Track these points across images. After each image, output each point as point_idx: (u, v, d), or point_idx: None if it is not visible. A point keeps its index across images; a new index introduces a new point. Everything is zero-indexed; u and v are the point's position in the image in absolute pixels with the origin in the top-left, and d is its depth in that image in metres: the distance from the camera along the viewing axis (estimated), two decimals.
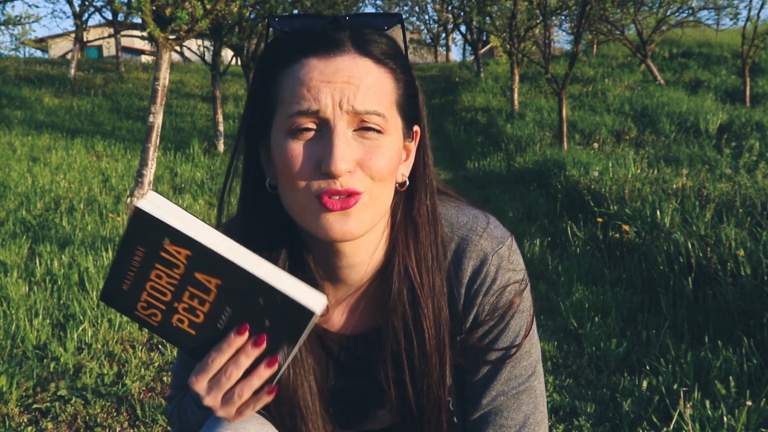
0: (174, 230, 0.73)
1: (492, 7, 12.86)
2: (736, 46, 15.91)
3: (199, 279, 0.75)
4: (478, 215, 0.91)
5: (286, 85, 0.78)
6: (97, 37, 26.03)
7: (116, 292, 0.78)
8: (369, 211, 0.79)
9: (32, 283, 3.75)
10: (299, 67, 0.77)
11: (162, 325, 0.78)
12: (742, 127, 9.46)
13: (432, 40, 33.74)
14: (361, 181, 0.77)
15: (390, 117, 0.79)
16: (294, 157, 0.76)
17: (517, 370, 0.91)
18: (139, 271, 0.75)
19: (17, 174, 7.00)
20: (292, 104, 0.76)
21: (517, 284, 0.89)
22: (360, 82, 0.76)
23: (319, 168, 0.75)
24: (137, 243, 0.74)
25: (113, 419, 2.44)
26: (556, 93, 8.79)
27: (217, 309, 0.76)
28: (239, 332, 0.75)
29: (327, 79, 0.75)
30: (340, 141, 0.74)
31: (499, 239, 0.89)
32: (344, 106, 0.75)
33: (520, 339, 0.90)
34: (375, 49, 0.79)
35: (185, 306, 0.76)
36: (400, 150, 0.82)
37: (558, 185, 6.05)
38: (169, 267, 0.75)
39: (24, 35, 18.10)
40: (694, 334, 2.98)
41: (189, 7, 5.82)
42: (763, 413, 2.22)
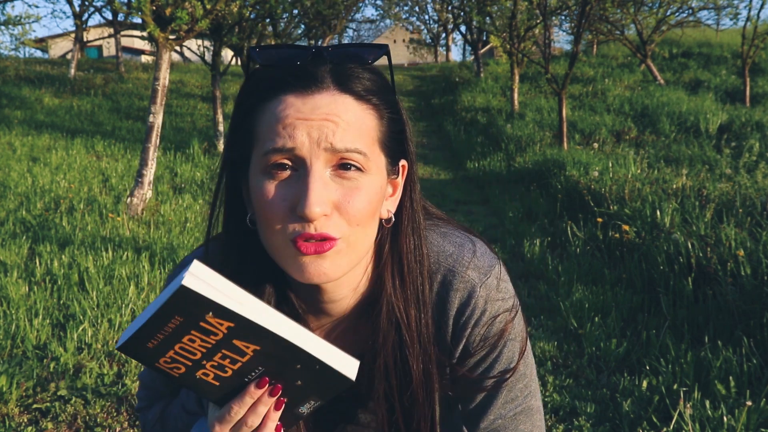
0: (219, 306, 0.71)
1: (492, 7, 12.87)
2: (736, 46, 15.91)
3: (236, 345, 0.73)
4: (464, 243, 0.89)
5: (263, 121, 0.75)
6: (97, 37, 26.03)
7: (139, 347, 0.74)
8: (345, 256, 0.77)
9: (32, 283, 3.75)
10: (277, 103, 0.74)
11: (183, 377, 0.76)
12: (742, 127, 9.45)
13: (432, 40, 33.74)
14: (337, 226, 0.74)
15: (372, 155, 0.76)
16: (269, 198, 0.74)
17: (513, 393, 0.91)
18: (171, 335, 0.72)
19: (17, 174, 7.00)
20: (267, 141, 0.73)
21: (507, 313, 0.87)
22: (339, 119, 0.73)
23: (294, 210, 0.73)
24: (176, 313, 0.71)
25: (113, 419, 2.44)
26: (556, 93, 8.79)
27: (249, 368, 0.74)
28: (259, 386, 0.74)
29: (304, 116, 0.72)
30: (316, 182, 0.71)
31: (486, 269, 0.87)
32: (322, 144, 0.72)
33: (513, 364, 0.89)
34: (357, 85, 0.76)
35: (214, 364, 0.74)
36: (382, 189, 0.79)
37: (558, 185, 6.06)
38: (207, 334, 0.72)
39: (24, 35, 18.09)
40: (694, 334, 2.98)
41: (189, 7, 5.82)
42: (763, 413, 2.22)
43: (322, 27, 14.99)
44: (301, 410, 0.77)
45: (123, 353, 0.77)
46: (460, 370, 0.88)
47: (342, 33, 20.52)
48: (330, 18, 14.61)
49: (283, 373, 0.74)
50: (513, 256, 4.69)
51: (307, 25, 14.32)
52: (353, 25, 28.11)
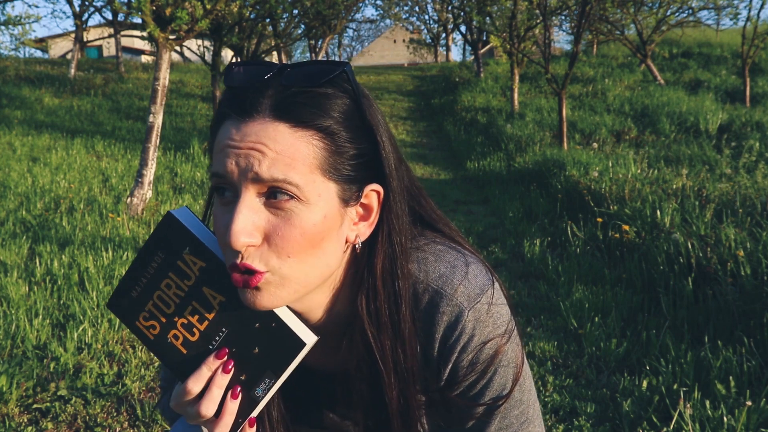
0: (197, 240, 0.80)
1: (492, 7, 12.87)
2: (736, 46, 15.91)
3: (205, 294, 0.80)
4: (457, 263, 0.84)
5: (213, 144, 0.77)
6: (97, 37, 26.05)
7: (124, 298, 0.82)
8: (282, 288, 0.75)
9: (32, 283, 3.75)
10: (221, 128, 0.76)
11: (157, 340, 0.82)
12: (742, 127, 9.46)
13: (432, 40, 33.73)
14: (265, 259, 0.73)
15: (308, 184, 0.72)
16: (216, 222, 0.76)
17: (508, 420, 0.88)
18: (152, 277, 0.81)
19: (17, 174, 7.00)
20: (212, 164, 0.76)
21: (498, 338, 0.83)
22: (266, 149, 0.71)
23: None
24: (159, 248, 0.81)
25: (113, 419, 2.44)
26: (556, 93, 8.79)
27: (214, 328, 0.80)
28: (218, 355, 0.78)
29: (235, 144, 0.72)
30: (242, 210, 0.71)
31: (477, 292, 0.83)
32: (249, 174, 0.71)
33: (506, 392, 0.86)
34: (297, 112, 0.72)
35: (184, 322, 0.80)
36: (327, 219, 0.75)
37: (558, 185, 6.06)
38: (181, 278, 0.80)
39: (24, 35, 18.10)
40: (694, 334, 2.98)
41: (189, 7, 5.82)
42: (763, 413, 2.22)
43: (322, 27, 14.98)
44: (257, 393, 0.79)
45: (111, 310, 0.84)
46: (448, 394, 0.86)
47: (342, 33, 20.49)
48: (330, 18, 14.61)
49: (243, 336, 0.79)
50: (513, 256, 4.69)
51: (307, 25, 14.31)
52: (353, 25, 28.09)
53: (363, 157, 0.77)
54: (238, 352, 0.79)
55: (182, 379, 0.81)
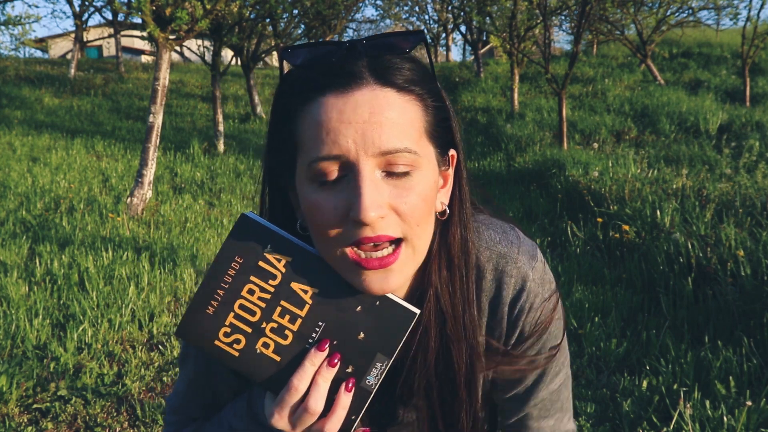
0: (278, 236, 0.74)
1: (492, 7, 12.87)
2: (736, 46, 15.92)
3: (294, 290, 0.73)
4: (506, 230, 0.88)
5: (305, 127, 0.71)
6: (97, 37, 26.05)
7: (198, 319, 0.74)
8: (411, 263, 0.74)
9: (32, 283, 3.75)
10: (317, 106, 0.70)
11: (244, 355, 0.74)
12: (742, 127, 9.46)
13: (432, 40, 33.73)
14: (398, 226, 0.71)
15: (420, 149, 0.72)
16: (320, 207, 0.70)
17: (557, 366, 0.93)
18: (231, 287, 0.73)
19: (17, 174, 7.00)
20: (312, 149, 0.70)
21: (555, 294, 0.88)
22: (383, 118, 0.69)
23: (347, 217, 0.69)
24: (236, 253, 0.73)
25: (113, 419, 2.44)
26: (556, 93, 8.79)
27: (309, 325, 0.74)
28: (320, 347, 0.73)
29: (347, 119, 0.68)
30: (367, 186, 0.68)
31: (531, 254, 0.87)
32: (369, 150, 0.68)
33: (559, 340, 0.91)
34: (397, 76, 0.72)
35: (273, 326, 0.74)
36: (435, 183, 0.76)
37: (558, 185, 6.05)
38: (265, 278, 0.73)
39: (24, 35, 18.10)
40: (694, 334, 2.98)
41: (189, 7, 5.82)
42: (763, 413, 2.22)
43: (322, 27, 14.98)
44: (369, 382, 0.75)
45: (182, 336, 0.76)
46: (515, 354, 0.88)
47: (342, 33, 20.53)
48: (330, 18, 14.61)
49: (343, 325, 0.73)
50: None
51: (307, 25, 14.32)
52: (353, 25, 28.10)
53: (446, 122, 0.78)
54: (341, 342, 0.73)
55: (278, 390, 0.75)
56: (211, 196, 6.73)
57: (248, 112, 13.59)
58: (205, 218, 5.68)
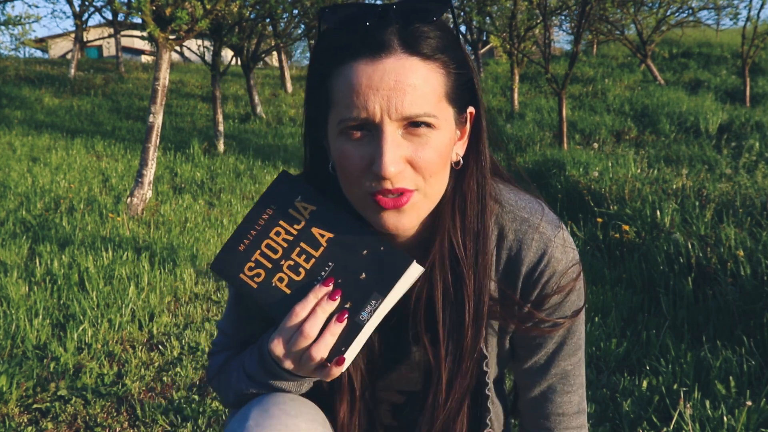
0: (309, 189, 0.87)
1: (492, 7, 12.87)
2: (736, 46, 15.91)
3: (313, 234, 0.84)
4: (533, 200, 0.96)
5: (338, 88, 0.80)
6: (97, 37, 26.03)
7: (230, 255, 0.85)
8: (423, 207, 0.83)
9: (32, 283, 3.75)
10: (349, 70, 0.78)
11: (261, 287, 0.84)
12: (742, 127, 9.45)
13: None
14: (412, 179, 0.80)
15: (440, 112, 0.80)
16: (347, 157, 0.80)
17: (576, 337, 0.99)
18: (262, 229, 0.85)
19: (17, 174, 7.00)
20: (343, 110, 0.78)
21: (578, 264, 0.94)
22: (406, 86, 0.77)
23: (370, 167, 0.79)
24: (271, 202, 0.86)
25: (113, 419, 2.44)
26: (556, 93, 8.79)
27: (321, 264, 0.83)
28: (324, 283, 0.82)
29: (375, 85, 0.76)
30: (389, 144, 0.77)
31: (556, 223, 0.93)
32: (393, 115, 0.77)
33: (580, 305, 0.97)
34: (424, 46, 0.79)
35: (290, 263, 0.84)
36: (451, 140, 0.84)
37: (558, 185, 6.06)
38: (291, 223, 0.85)
39: (24, 35, 18.10)
40: (694, 334, 2.98)
41: (189, 7, 5.82)
42: (763, 413, 2.22)
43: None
44: (362, 317, 0.81)
45: (214, 269, 0.88)
46: (535, 313, 0.93)
47: None
48: None
49: (349, 265, 0.82)
50: None
51: (307, 25, 14.32)
52: None
53: (467, 83, 0.86)
54: (345, 280, 0.81)
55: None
56: (211, 196, 6.73)
57: (248, 112, 13.58)
58: (205, 218, 5.69)
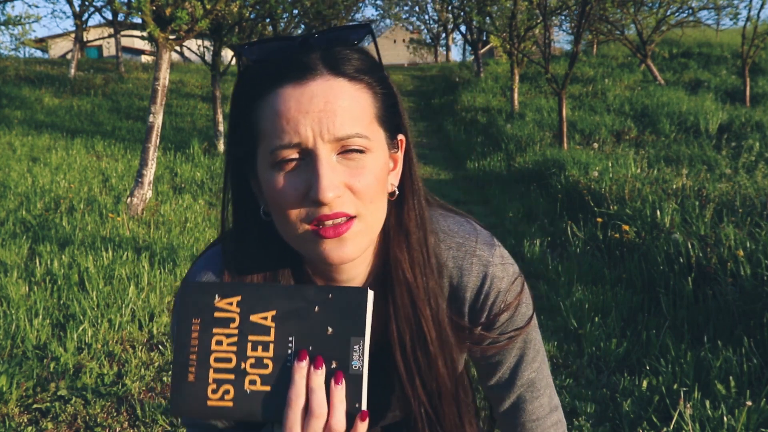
0: (219, 283, 0.79)
1: (492, 7, 12.87)
2: (736, 46, 15.91)
3: (255, 322, 0.77)
4: (462, 222, 0.94)
5: (265, 117, 0.77)
6: (97, 37, 26.01)
7: (185, 391, 0.76)
8: (365, 236, 0.80)
9: (32, 283, 3.75)
10: (275, 97, 0.76)
11: (237, 400, 0.76)
12: (742, 127, 9.45)
13: (432, 40, 33.73)
14: (352, 204, 0.78)
15: (372, 134, 0.79)
16: (282, 189, 0.77)
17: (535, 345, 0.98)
18: (199, 347, 0.76)
19: (17, 174, 7.00)
20: (274, 138, 0.76)
21: (519, 277, 0.94)
22: (336, 107, 0.75)
23: (308, 196, 0.76)
24: (190, 316, 0.77)
25: (113, 419, 2.44)
26: (556, 93, 8.79)
27: (282, 344, 0.76)
28: (300, 358, 0.76)
29: (304, 109, 0.75)
30: (325, 169, 0.74)
31: (489, 242, 0.93)
32: (325, 137, 0.75)
33: (530, 315, 0.96)
34: (348, 67, 0.78)
35: (252, 362, 0.76)
36: (386, 164, 0.82)
37: (558, 185, 6.05)
38: (225, 325, 0.77)
39: (24, 35, 18.09)
40: (694, 334, 2.98)
41: (189, 7, 5.82)
42: (763, 413, 2.22)
43: (322, 27, 14.98)
44: (355, 367, 0.77)
45: (176, 414, 0.77)
46: (487, 335, 0.92)
47: None
48: (330, 18, 14.61)
49: (311, 329, 0.77)
50: (513, 256, 4.66)
51: (307, 25, 14.31)
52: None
53: (393, 107, 0.84)
54: (315, 345, 0.77)
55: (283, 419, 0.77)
56: (211, 196, 6.73)
57: None
58: (205, 218, 5.68)
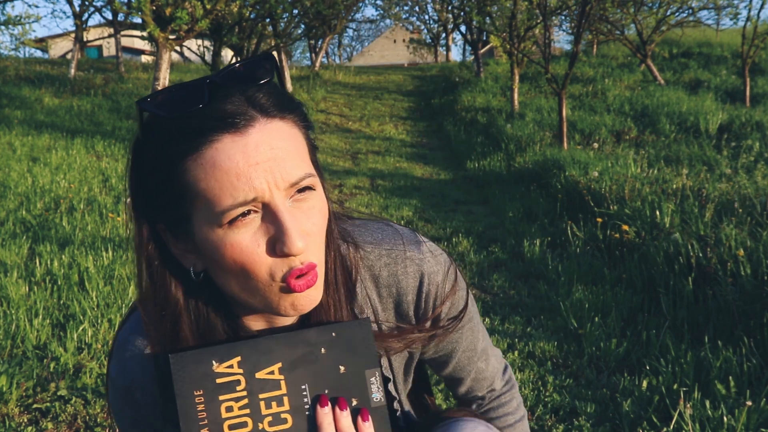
0: (212, 348, 0.74)
1: (492, 7, 12.87)
2: (736, 46, 15.91)
3: (263, 378, 0.74)
4: (383, 227, 0.92)
5: (201, 178, 0.70)
6: (97, 37, 26.01)
7: None
8: (322, 278, 0.79)
9: (32, 283, 3.75)
10: (214, 154, 0.69)
11: None
12: (742, 127, 9.45)
13: (432, 40, 33.72)
14: (314, 251, 0.75)
15: (313, 170, 0.76)
16: (242, 250, 0.71)
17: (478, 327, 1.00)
18: (209, 419, 0.73)
19: (17, 174, 7.00)
20: (223, 197, 0.69)
21: (451, 267, 0.93)
22: (282, 151, 0.71)
23: (273, 252, 0.71)
24: (192, 388, 0.73)
25: (113, 419, 2.44)
26: (556, 93, 8.79)
27: (296, 394, 0.74)
28: (322, 403, 0.74)
29: (253, 160, 0.69)
30: (288, 219, 0.70)
31: (415, 239, 0.91)
32: (280, 185, 0.70)
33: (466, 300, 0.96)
34: (275, 106, 0.73)
35: (270, 419, 0.74)
36: (327, 200, 0.80)
37: (558, 185, 6.05)
38: (232, 389, 0.73)
39: (24, 35, 18.10)
40: (694, 334, 2.98)
41: (189, 7, 5.82)
42: (763, 413, 2.22)
43: (322, 27, 14.99)
44: (376, 399, 0.76)
45: None
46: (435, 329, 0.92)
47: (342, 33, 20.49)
48: (330, 18, 14.61)
49: (321, 371, 0.75)
50: (513, 256, 4.69)
51: (307, 25, 14.32)
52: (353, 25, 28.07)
53: (312, 140, 0.81)
54: (331, 386, 0.75)
55: None
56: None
57: None
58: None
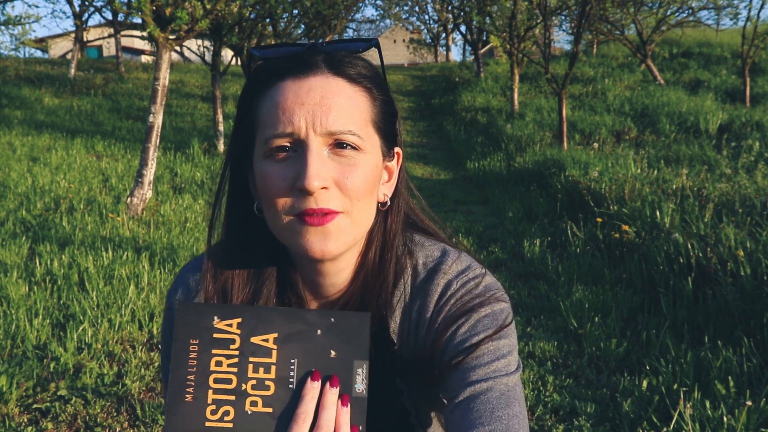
0: (218, 305, 0.78)
1: (492, 7, 12.87)
2: (736, 46, 15.92)
3: (257, 343, 0.76)
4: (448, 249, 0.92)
5: (264, 109, 0.80)
6: (97, 37, 26.02)
7: (182, 411, 0.75)
8: (349, 233, 0.81)
9: (32, 283, 3.75)
10: (275, 90, 0.80)
11: (238, 421, 0.75)
12: (742, 127, 9.45)
13: (432, 40, 33.72)
14: (339, 201, 0.79)
15: (365, 135, 0.81)
16: (272, 177, 0.79)
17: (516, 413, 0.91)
18: (198, 367, 0.76)
19: (17, 174, 7.00)
20: (269, 127, 0.78)
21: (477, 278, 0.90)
22: (332, 102, 0.78)
23: (294, 187, 0.77)
24: (188, 336, 0.76)
25: (113, 419, 2.44)
26: (556, 93, 8.79)
27: (284, 366, 0.76)
28: (313, 379, 0.76)
29: (300, 100, 0.77)
30: (314, 159, 0.76)
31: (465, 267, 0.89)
32: (318, 129, 0.77)
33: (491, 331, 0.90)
34: (349, 69, 0.81)
35: (253, 383, 0.76)
36: (378, 168, 0.83)
37: (558, 185, 6.05)
38: (226, 346, 0.76)
39: (24, 35, 18.10)
40: (694, 334, 2.98)
41: (189, 7, 5.82)
42: (763, 413, 2.22)
43: (322, 27, 14.99)
44: (358, 390, 0.77)
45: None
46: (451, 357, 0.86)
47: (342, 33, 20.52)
48: (330, 18, 14.61)
49: (313, 350, 0.77)
50: (513, 256, 4.68)
51: (307, 25, 14.32)
52: (353, 25, 28.09)
53: (392, 120, 0.87)
54: (319, 367, 0.76)
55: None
56: (211, 195, 6.73)
57: None
58: (205, 218, 5.68)
